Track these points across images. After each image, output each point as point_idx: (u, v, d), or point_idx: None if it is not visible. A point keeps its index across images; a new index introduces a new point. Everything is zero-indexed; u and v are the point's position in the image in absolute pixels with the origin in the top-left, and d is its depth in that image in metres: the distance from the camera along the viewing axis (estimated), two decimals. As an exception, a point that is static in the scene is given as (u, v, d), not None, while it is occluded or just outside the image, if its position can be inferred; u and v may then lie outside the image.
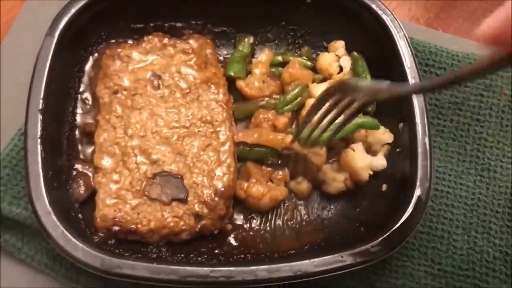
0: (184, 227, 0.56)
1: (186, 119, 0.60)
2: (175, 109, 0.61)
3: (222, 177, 0.58)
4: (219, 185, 0.58)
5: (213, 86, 0.62)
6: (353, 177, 0.61)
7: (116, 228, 0.55)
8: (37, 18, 0.70)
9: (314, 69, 0.68)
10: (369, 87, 0.49)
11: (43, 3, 0.71)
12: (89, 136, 0.61)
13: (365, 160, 0.61)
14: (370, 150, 0.62)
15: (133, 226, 0.55)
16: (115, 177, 0.57)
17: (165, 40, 0.64)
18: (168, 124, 0.60)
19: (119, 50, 0.63)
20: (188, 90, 0.62)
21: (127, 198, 0.56)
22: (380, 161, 0.62)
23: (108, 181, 0.57)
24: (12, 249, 0.58)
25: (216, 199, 0.57)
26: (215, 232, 0.58)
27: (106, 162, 0.58)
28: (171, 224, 0.56)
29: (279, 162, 0.63)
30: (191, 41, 0.65)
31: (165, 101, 0.61)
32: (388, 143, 0.62)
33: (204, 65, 0.63)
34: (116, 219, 0.55)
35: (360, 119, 0.60)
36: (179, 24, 0.68)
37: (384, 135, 0.62)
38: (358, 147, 0.62)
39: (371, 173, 0.61)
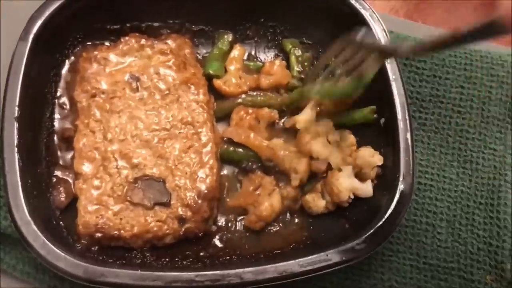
0: (168, 231, 0.56)
1: (167, 121, 0.60)
2: (155, 111, 0.60)
3: (205, 179, 0.58)
4: (202, 187, 0.57)
5: (192, 87, 0.61)
6: (334, 199, 0.59)
7: (98, 234, 0.55)
8: (10, 21, 0.69)
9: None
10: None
11: (17, 6, 0.70)
12: (68, 141, 0.60)
13: (349, 184, 0.59)
14: (360, 173, 0.60)
15: (116, 232, 0.55)
16: (96, 182, 0.56)
17: (143, 41, 0.63)
18: (148, 127, 0.59)
19: (96, 52, 0.62)
20: (167, 92, 0.61)
21: (109, 203, 0.56)
22: (366, 190, 0.59)
23: (89, 187, 0.56)
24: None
25: (200, 201, 0.57)
26: (200, 234, 0.58)
27: (86, 167, 0.57)
28: (155, 228, 0.55)
29: (254, 167, 0.63)
30: (169, 41, 0.64)
31: (144, 103, 0.60)
32: (378, 166, 0.60)
33: (183, 65, 0.62)
34: (99, 226, 0.54)
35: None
36: (156, 24, 0.67)
37: (373, 157, 0.59)
38: (346, 169, 0.60)
39: (352, 197, 0.59)
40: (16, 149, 0.53)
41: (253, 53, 0.70)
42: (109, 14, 0.64)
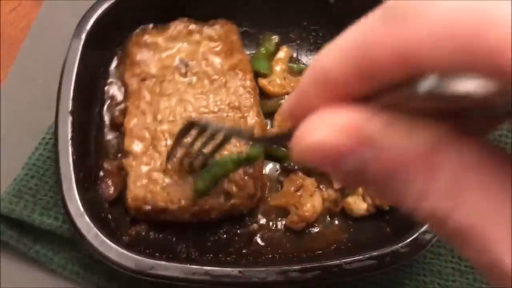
0: (213, 205, 0.57)
1: (214, 104, 0.61)
2: (203, 95, 0.61)
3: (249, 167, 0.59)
4: (247, 171, 0.58)
5: (240, 73, 0.63)
6: (376, 201, 0.61)
7: (147, 207, 0.56)
8: (54, 21, 0.71)
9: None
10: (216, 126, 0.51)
11: (58, 7, 0.71)
12: (117, 129, 0.62)
13: None
14: None
15: (163, 204, 0.56)
16: (146, 159, 0.58)
17: (191, 26, 0.65)
18: (197, 110, 0.60)
19: (145, 37, 0.64)
20: (215, 77, 0.62)
21: (158, 179, 0.57)
22: None
23: (139, 164, 0.58)
24: (43, 259, 0.58)
25: (246, 178, 0.58)
26: (244, 212, 0.58)
27: (136, 146, 0.59)
28: (201, 201, 0.56)
29: (296, 168, 0.63)
30: (217, 27, 0.65)
31: (193, 87, 0.62)
32: None
33: (230, 52, 0.64)
34: (147, 198, 0.56)
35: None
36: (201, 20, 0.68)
37: None
38: None
39: None
40: (70, 142, 0.54)
41: (294, 55, 0.71)
42: (157, 13, 0.66)
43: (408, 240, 0.54)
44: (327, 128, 0.22)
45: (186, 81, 0.62)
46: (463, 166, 0.20)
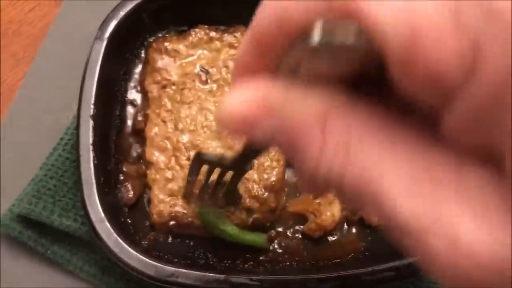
0: (236, 221, 0.57)
1: None
2: None
3: (272, 171, 0.59)
4: (269, 179, 0.58)
5: None
6: None
7: (172, 222, 0.56)
8: (73, 21, 0.71)
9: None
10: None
11: (77, 7, 0.71)
12: (138, 134, 0.62)
13: None
14: None
15: (188, 219, 0.56)
16: (168, 174, 0.58)
17: (212, 33, 0.65)
18: (217, 118, 0.60)
19: (166, 43, 0.64)
20: None
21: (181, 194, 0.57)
22: None
23: (162, 178, 0.58)
24: (60, 261, 0.59)
25: (267, 193, 0.58)
26: (267, 225, 0.58)
27: (158, 157, 0.59)
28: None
29: None
30: (237, 34, 0.65)
31: (213, 95, 0.62)
32: None
33: None
34: (172, 214, 0.56)
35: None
36: (222, 27, 0.68)
37: None
38: None
39: None
40: (91, 146, 0.54)
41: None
42: (178, 17, 0.66)
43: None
44: (242, 99, 0.24)
45: (206, 88, 0.62)
46: (352, 128, 0.21)
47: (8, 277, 0.59)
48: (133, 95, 0.64)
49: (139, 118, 0.63)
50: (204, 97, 0.61)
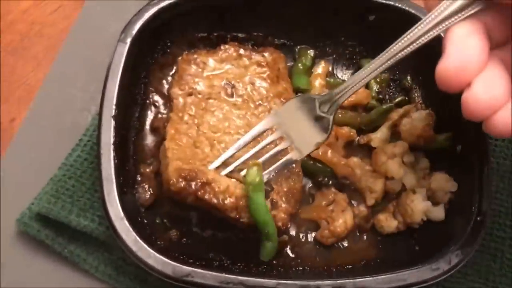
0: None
1: None
2: (248, 117, 0.62)
3: (294, 184, 0.59)
4: (293, 186, 0.59)
5: (285, 102, 0.63)
6: (407, 220, 0.61)
7: (191, 183, 0.54)
8: (94, 23, 0.72)
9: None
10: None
11: (99, 9, 0.73)
12: (156, 132, 0.63)
13: (423, 206, 0.61)
14: (432, 197, 0.62)
15: (207, 178, 0.55)
16: (186, 140, 0.59)
17: (241, 51, 0.66)
18: (238, 129, 0.61)
19: (195, 56, 0.65)
20: (260, 102, 0.63)
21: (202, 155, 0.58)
22: (439, 213, 0.61)
23: (180, 143, 0.58)
24: (77, 260, 0.59)
25: (290, 195, 0.58)
26: (283, 228, 0.57)
27: (177, 129, 0.60)
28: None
29: (330, 183, 0.64)
30: (265, 54, 0.66)
31: (237, 108, 0.62)
32: (451, 192, 0.62)
33: (276, 79, 0.65)
34: (190, 170, 0.55)
35: None
36: (241, 35, 0.69)
37: (448, 182, 0.61)
38: (421, 192, 0.61)
39: (425, 219, 0.61)
40: (112, 146, 0.55)
41: (330, 69, 0.71)
42: (198, 23, 0.67)
43: (441, 259, 0.55)
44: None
45: (231, 101, 0.63)
46: None
47: (24, 275, 0.60)
48: (153, 98, 0.65)
49: (159, 121, 0.64)
50: (228, 109, 0.62)
